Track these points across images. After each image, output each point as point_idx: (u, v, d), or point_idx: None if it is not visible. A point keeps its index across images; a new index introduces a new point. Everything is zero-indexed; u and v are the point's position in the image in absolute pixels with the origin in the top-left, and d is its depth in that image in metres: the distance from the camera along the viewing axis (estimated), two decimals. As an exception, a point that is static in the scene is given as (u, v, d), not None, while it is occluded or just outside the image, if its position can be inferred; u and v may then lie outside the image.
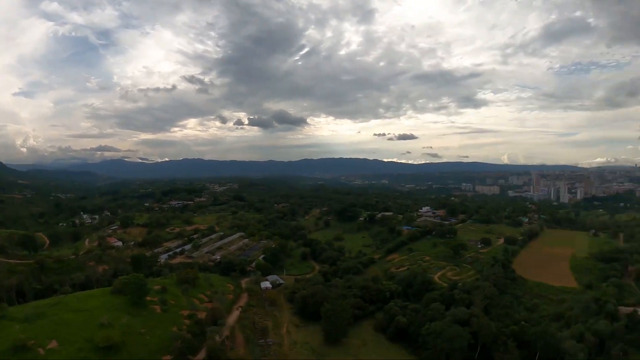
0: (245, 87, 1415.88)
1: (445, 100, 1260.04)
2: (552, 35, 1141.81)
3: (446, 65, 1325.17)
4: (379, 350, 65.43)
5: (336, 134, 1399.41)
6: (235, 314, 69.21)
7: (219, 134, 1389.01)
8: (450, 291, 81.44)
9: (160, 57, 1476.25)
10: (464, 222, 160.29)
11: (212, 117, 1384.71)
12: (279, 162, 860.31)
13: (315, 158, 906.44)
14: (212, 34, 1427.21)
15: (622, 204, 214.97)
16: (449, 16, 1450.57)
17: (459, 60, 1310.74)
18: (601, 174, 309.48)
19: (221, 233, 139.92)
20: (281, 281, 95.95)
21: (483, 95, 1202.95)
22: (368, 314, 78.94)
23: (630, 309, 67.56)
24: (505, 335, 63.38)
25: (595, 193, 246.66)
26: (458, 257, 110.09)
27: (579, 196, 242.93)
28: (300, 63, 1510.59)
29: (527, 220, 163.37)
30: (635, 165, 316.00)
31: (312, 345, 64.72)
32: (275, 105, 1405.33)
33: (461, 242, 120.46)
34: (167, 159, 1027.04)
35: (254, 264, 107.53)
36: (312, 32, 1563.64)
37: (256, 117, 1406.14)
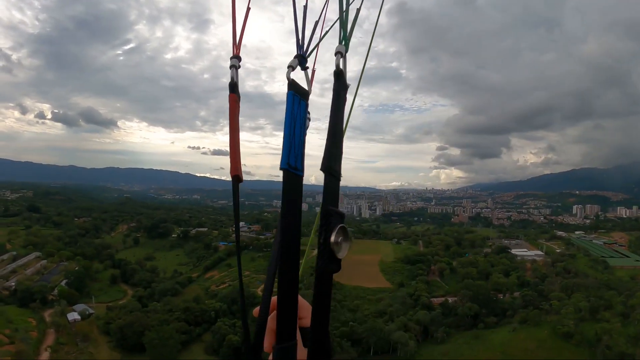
0: (55, 75, 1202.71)
1: (262, 121, 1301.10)
2: (367, 78, 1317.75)
3: (268, 89, 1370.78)
4: (215, 376, 65.17)
5: (148, 142, 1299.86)
6: (44, 356, 60.01)
7: (15, 127, 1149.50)
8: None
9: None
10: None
11: (12, 104, 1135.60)
12: (82, 168, 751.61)
13: (122, 167, 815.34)
14: (36, 3, 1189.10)
15: (416, 218, 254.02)
16: (280, 44, 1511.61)
17: (280, 87, 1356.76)
18: (397, 194, 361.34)
19: (14, 253, 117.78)
20: (91, 310, 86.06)
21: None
22: (195, 337, 76.94)
23: (441, 299, 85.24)
24: (338, 337, 68.83)
25: (392, 210, 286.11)
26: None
27: (378, 212, 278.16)
28: (121, 58, 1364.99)
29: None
30: (426, 188, 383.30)
31: (140, 380, 61.05)
32: (84, 101, 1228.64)
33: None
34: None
35: (56, 291, 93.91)
36: (142, 27, 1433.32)
37: (61, 112, 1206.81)
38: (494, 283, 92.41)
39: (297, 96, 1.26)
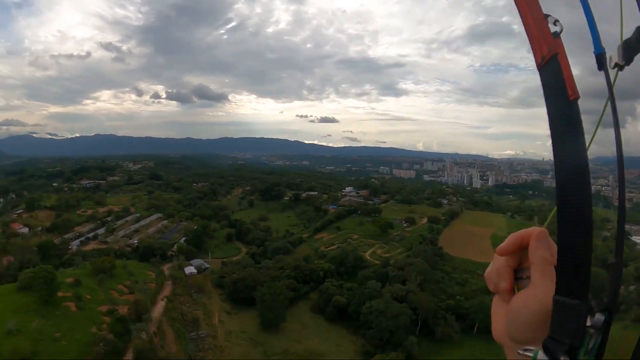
0: (164, 59, 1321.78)
1: (367, 87, 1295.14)
2: (477, 35, 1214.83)
3: (372, 53, 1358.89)
4: (320, 333, 62.58)
5: (258, 113, 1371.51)
6: (160, 305, 61.89)
7: (133, 108, 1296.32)
8: (383, 268, 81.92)
9: (77, 21, 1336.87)
10: (386, 202, 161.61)
11: (128, 89, 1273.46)
12: (197, 139, 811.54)
13: (235, 137, 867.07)
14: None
15: (530, 192, 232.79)
16: (380, 6, 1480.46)
17: (384, 50, 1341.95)
18: (511, 164, 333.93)
19: (137, 214, 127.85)
20: (207, 265, 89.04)
21: (404, 85, 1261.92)
22: (303, 294, 75.99)
23: (552, 279, 73.64)
24: (443, 309, 65.35)
25: (505, 181, 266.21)
26: (385, 235, 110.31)
27: (490, 183, 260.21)
28: (225, 37, 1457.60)
29: (446, 201, 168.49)
30: (542, 158, 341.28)
31: (249, 333, 59.99)
32: (195, 80, 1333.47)
33: (388, 221, 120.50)
34: (77, 135, 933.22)
35: (175, 247, 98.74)
36: (241, 6, 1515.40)
37: (174, 91, 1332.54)
38: (611, 272, 78.42)
39: None
